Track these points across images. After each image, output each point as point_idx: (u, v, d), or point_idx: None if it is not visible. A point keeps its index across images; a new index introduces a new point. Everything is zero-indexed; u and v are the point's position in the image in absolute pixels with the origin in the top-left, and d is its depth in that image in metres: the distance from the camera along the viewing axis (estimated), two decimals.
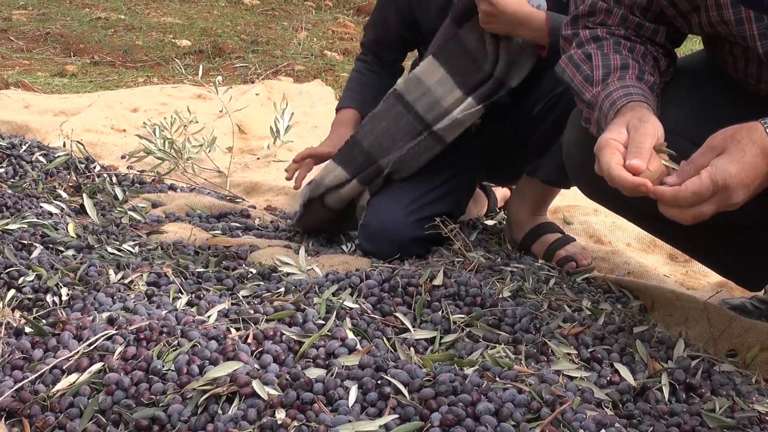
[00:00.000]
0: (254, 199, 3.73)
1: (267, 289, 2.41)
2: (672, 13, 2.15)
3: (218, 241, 2.94)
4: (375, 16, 3.21)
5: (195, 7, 8.46)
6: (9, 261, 2.42)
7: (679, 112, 2.22)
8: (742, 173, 1.80)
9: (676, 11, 2.14)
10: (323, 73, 6.13)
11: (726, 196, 1.81)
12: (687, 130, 2.16)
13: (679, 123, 2.18)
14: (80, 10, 8.13)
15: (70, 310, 2.22)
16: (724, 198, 1.81)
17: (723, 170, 1.81)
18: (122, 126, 4.51)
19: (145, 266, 2.51)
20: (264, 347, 1.98)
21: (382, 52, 3.23)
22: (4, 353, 1.98)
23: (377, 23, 3.19)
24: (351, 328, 2.11)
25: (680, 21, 2.16)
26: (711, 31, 2.11)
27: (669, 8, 2.14)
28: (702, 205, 1.82)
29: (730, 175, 1.80)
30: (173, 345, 1.97)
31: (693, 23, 2.14)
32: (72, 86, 5.69)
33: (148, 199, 3.39)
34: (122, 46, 6.82)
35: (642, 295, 2.53)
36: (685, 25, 2.17)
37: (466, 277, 2.43)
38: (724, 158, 1.82)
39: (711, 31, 2.11)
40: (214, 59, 6.43)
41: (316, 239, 3.10)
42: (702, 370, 2.01)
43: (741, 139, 1.82)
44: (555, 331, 2.16)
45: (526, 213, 3.01)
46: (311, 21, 7.95)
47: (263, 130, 4.47)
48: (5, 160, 3.50)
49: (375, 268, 2.55)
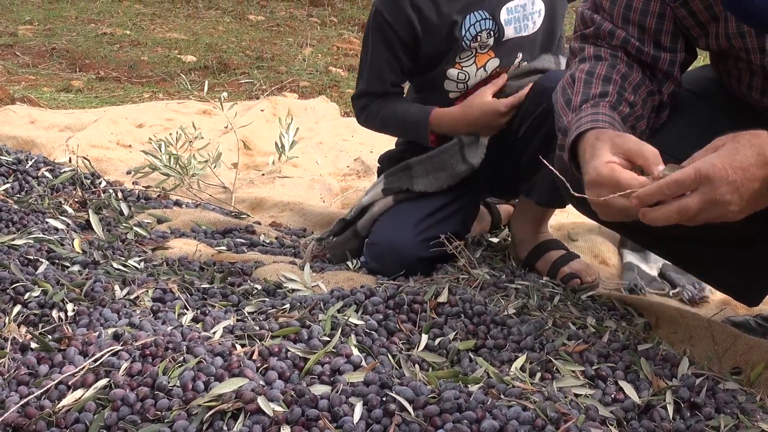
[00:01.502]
0: (259, 215, 3.74)
1: (272, 306, 2.41)
2: (690, 23, 2.15)
3: (223, 257, 2.95)
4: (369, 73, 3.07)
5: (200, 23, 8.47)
6: (15, 276, 2.42)
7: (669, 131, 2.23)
8: (728, 168, 1.78)
9: (695, 21, 2.14)
10: (328, 89, 6.14)
11: (709, 189, 1.79)
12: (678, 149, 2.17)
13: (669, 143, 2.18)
14: (86, 25, 8.15)
15: (75, 325, 2.22)
16: (708, 192, 1.79)
17: (707, 161, 1.80)
18: (128, 141, 4.52)
19: (150, 282, 2.51)
20: (269, 364, 1.99)
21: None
22: (10, 369, 1.99)
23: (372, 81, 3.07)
24: (356, 345, 2.12)
25: (697, 31, 2.16)
26: (726, 44, 2.11)
27: (688, 18, 2.14)
28: (686, 198, 1.81)
29: (713, 166, 1.79)
30: (179, 361, 1.97)
31: (710, 33, 2.14)
32: (78, 102, 5.70)
33: (153, 215, 3.40)
34: (128, 62, 6.83)
35: (646, 313, 2.53)
36: (702, 35, 2.16)
37: (470, 295, 2.44)
38: (714, 153, 1.82)
39: (726, 44, 2.11)
40: (219, 75, 6.44)
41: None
42: (706, 388, 2.01)
43: (740, 140, 1.82)
44: (560, 349, 2.17)
45: (528, 230, 3.03)
46: (316, 37, 7.96)
47: (268, 146, 4.48)
48: (11, 175, 3.51)
49: (380, 285, 2.56)
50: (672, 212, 1.83)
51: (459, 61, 2.92)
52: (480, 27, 2.87)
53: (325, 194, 4.04)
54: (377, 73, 3.02)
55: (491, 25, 2.87)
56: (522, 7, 2.87)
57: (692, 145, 1.99)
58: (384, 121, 3.06)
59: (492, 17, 2.87)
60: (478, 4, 2.87)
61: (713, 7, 2.08)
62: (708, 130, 2.09)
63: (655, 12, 2.19)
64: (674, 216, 1.83)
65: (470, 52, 2.91)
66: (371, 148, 4.55)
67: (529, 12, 2.90)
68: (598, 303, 2.58)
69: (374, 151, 4.42)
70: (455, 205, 2.96)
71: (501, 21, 2.87)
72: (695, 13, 2.12)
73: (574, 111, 2.15)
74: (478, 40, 2.88)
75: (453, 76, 2.95)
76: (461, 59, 2.92)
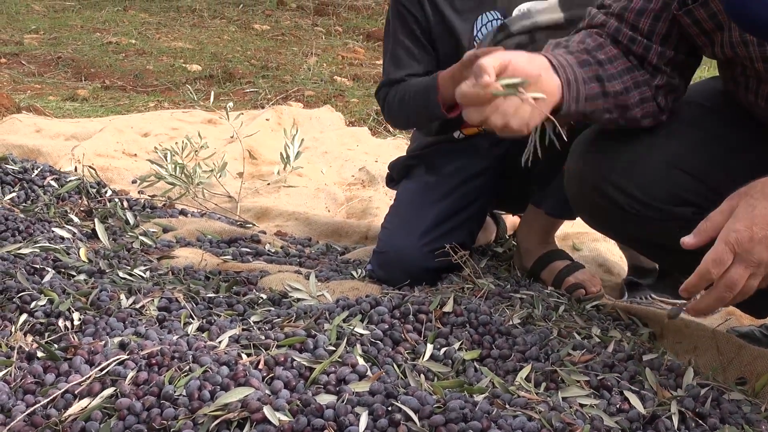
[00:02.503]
0: (264, 224, 3.74)
1: (277, 315, 2.41)
2: (695, 31, 2.16)
3: (229, 267, 2.95)
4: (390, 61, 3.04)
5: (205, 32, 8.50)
6: (21, 285, 2.43)
7: (678, 145, 2.23)
8: (752, 227, 1.81)
9: (700, 29, 2.15)
10: (333, 98, 6.15)
11: (745, 254, 1.82)
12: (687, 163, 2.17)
13: (678, 156, 2.19)
14: (91, 34, 8.17)
15: (81, 334, 2.23)
16: (746, 257, 1.82)
17: (729, 229, 1.83)
18: (133, 150, 4.53)
19: (156, 291, 2.52)
20: (275, 373, 1.99)
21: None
22: (17, 378, 1.99)
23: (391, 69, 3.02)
24: (362, 355, 2.12)
25: (703, 39, 2.17)
26: (730, 52, 2.11)
27: (692, 26, 2.15)
28: (729, 271, 1.84)
29: (737, 232, 1.81)
30: (185, 370, 1.98)
31: (716, 42, 2.15)
32: (83, 110, 5.72)
33: (159, 224, 3.41)
34: (133, 71, 6.85)
35: (651, 323, 2.53)
36: (708, 43, 2.17)
37: (476, 304, 2.44)
38: (732, 217, 1.84)
39: (730, 52, 2.11)
40: (224, 84, 6.45)
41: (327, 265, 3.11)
42: (711, 399, 2.01)
43: (753, 194, 1.84)
44: (564, 359, 2.17)
45: (534, 241, 3.03)
46: (321, 46, 7.98)
47: (273, 156, 4.48)
48: (17, 184, 3.52)
49: (385, 295, 2.56)
50: (721, 291, 1.86)
51: None
52: (492, 27, 2.88)
53: (330, 203, 4.05)
54: (397, 60, 2.99)
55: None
56: (535, 9, 2.88)
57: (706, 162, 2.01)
58: (401, 103, 2.94)
59: (504, 18, 2.88)
60: (491, 4, 2.89)
61: (717, 16, 2.09)
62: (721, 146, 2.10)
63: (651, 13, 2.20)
64: (725, 293, 1.86)
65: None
66: (376, 158, 4.56)
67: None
68: (603, 313, 2.58)
69: (379, 161, 4.43)
70: (462, 215, 2.96)
71: None
72: (700, 22, 2.13)
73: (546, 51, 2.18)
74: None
75: None
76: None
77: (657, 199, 2.21)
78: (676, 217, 2.19)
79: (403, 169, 3.20)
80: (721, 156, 2.11)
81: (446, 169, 3.04)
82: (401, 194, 3.15)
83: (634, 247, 2.59)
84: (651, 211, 2.21)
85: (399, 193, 3.17)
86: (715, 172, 2.17)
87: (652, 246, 2.35)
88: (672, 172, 2.19)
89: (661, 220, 2.21)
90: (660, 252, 2.38)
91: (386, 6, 9.55)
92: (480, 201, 3.03)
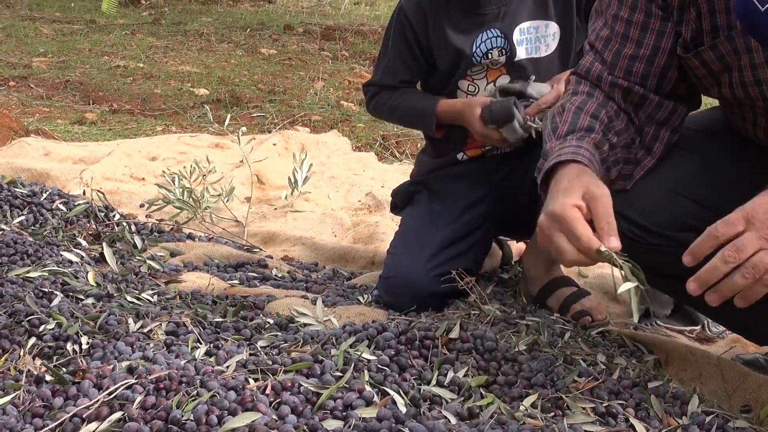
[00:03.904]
0: (271, 249, 3.75)
1: (284, 340, 2.42)
2: (703, 73, 2.17)
3: (236, 291, 2.96)
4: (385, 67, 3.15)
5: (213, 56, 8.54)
6: (30, 309, 2.44)
7: (679, 171, 2.23)
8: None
9: (707, 71, 2.16)
10: (340, 123, 6.17)
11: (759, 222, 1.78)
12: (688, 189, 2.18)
13: (679, 182, 2.20)
14: (99, 58, 8.21)
15: (90, 358, 2.24)
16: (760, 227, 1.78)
17: (749, 203, 1.80)
18: (141, 174, 4.55)
19: (164, 315, 2.53)
20: (282, 398, 2.00)
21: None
22: (25, 401, 2.00)
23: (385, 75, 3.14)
24: (368, 381, 2.13)
25: (709, 81, 2.18)
26: (741, 92, 2.12)
27: (700, 68, 2.16)
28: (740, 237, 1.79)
29: (755, 203, 1.79)
30: (192, 395, 1.98)
31: (723, 82, 2.15)
32: (91, 134, 5.74)
33: (166, 248, 3.42)
34: (141, 95, 6.88)
35: (656, 350, 2.53)
36: (715, 84, 2.18)
37: (482, 331, 2.45)
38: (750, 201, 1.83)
39: (741, 92, 2.12)
40: (231, 108, 6.48)
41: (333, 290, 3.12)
42: (716, 426, 2.01)
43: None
44: (570, 386, 2.17)
45: (540, 268, 3.04)
46: (328, 71, 8.00)
47: (281, 180, 4.50)
48: (26, 207, 3.54)
49: (392, 320, 2.57)
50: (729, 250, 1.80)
51: (470, 74, 2.98)
52: (491, 44, 2.92)
53: (337, 229, 4.06)
54: (392, 68, 3.11)
55: (503, 43, 2.92)
56: (535, 29, 2.92)
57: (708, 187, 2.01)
58: (392, 108, 3.13)
59: (504, 36, 2.92)
60: (492, 22, 2.94)
61: (725, 57, 2.10)
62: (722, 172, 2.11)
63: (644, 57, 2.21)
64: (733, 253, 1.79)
65: (481, 68, 2.97)
66: (382, 183, 4.57)
67: (542, 35, 2.94)
68: (609, 340, 2.58)
69: (386, 186, 4.44)
70: (467, 241, 2.98)
71: (513, 41, 2.92)
72: (707, 63, 2.14)
73: (558, 138, 2.18)
74: (489, 57, 2.94)
75: (463, 87, 3.01)
76: (472, 72, 2.98)
77: (659, 225, 2.21)
78: (679, 244, 2.19)
79: (406, 195, 3.23)
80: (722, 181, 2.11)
81: (449, 195, 3.06)
82: (406, 220, 3.17)
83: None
84: (654, 237, 2.22)
85: (404, 219, 3.19)
86: (717, 197, 2.17)
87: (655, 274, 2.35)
88: (674, 198, 2.20)
89: (663, 247, 2.21)
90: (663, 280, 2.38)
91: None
92: (484, 226, 3.04)
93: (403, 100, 3.10)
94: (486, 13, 2.94)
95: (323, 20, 10.88)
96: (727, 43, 2.07)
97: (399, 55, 3.09)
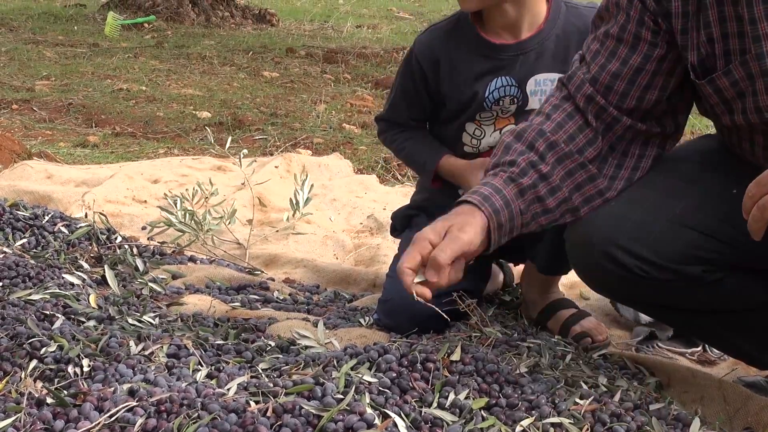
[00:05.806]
0: (273, 271, 3.76)
1: (286, 362, 2.42)
2: (715, 100, 2.17)
3: (237, 314, 2.97)
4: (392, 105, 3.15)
5: (215, 79, 8.55)
6: (31, 331, 2.44)
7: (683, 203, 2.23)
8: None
9: (720, 98, 2.15)
10: (342, 146, 6.17)
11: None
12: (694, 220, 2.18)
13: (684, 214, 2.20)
14: (102, 81, 8.22)
15: (91, 381, 2.24)
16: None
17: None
18: (143, 197, 4.56)
19: (165, 338, 2.53)
20: (283, 420, 2.00)
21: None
22: (26, 424, 2.00)
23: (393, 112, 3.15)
24: (370, 403, 2.13)
25: (721, 108, 2.18)
26: (755, 118, 2.12)
27: (713, 95, 2.16)
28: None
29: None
30: (193, 417, 1.99)
31: (736, 110, 2.15)
32: (94, 157, 5.74)
33: (168, 271, 3.43)
34: (143, 117, 6.88)
35: (658, 372, 2.54)
36: (726, 111, 2.18)
37: (483, 353, 2.45)
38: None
39: (755, 118, 2.12)
40: (233, 131, 6.48)
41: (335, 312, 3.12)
42: None
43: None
44: (571, 408, 2.17)
45: (537, 292, 3.05)
46: (330, 94, 8.01)
47: (282, 203, 4.50)
48: (28, 230, 3.55)
49: (393, 343, 2.57)
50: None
51: (479, 119, 2.96)
52: (504, 92, 2.89)
53: (339, 251, 4.06)
54: (398, 107, 3.12)
55: (516, 92, 2.90)
56: (551, 81, 2.87)
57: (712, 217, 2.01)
58: (397, 150, 3.17)
59: (518, 85, 2.90)
60: (508, 69, 2.90)
61: (739, 83, 2.10)
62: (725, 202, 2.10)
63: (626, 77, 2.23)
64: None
65: (491, 114, 2.94)
66: (384, 206, 4.57)
67: None
68: (610, 362, 2.59)
69: (387, 209, 4.44)
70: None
71: (527, 91, 2.90)
72: (721, 90, 2.14)
73: (485, 172, 2.33)
74: (500, 104, 2.91)
75: (470, 130, 2.99)
76: (481, 117, 2.96)
77: (669, 259, 2.19)
78: (687, 277, 2.19)
79: (405, 219, 3.23)
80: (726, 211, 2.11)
81: None
82: (404, 243, 3.16)
83: (646, 311, 2.60)
84: (663, 273, 2.20)
85: (402, 243, 3.19)
86: (723, 227, 2.17)
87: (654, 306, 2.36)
88: (681, 231, 2.19)
89: (672, 282, 2.20)
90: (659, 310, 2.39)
91: (394, 54, 9.65)
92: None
93: (408, 144, 3.11)
94: (503, 59, 2.91)
95: (325, 43, 10.90)
96: (740, 68, 2.07)
97: (405, 95, 3.08)
